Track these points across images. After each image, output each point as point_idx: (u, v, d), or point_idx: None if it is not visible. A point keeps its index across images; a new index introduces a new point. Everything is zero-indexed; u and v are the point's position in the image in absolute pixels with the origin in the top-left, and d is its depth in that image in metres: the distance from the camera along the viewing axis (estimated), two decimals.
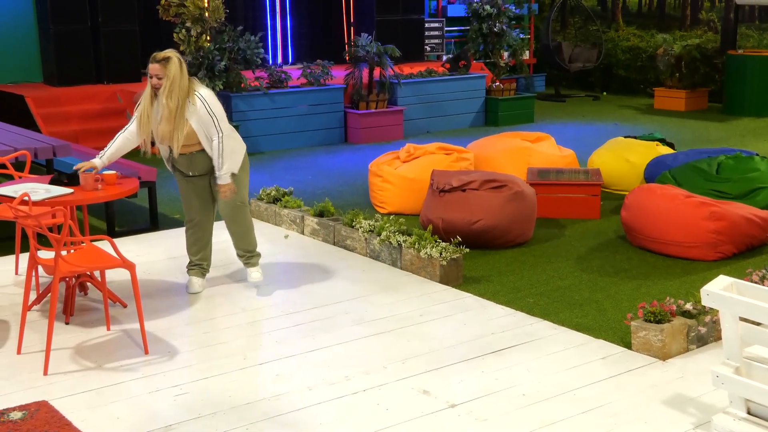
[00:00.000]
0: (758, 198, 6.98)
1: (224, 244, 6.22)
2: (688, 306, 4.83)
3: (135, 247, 6.66)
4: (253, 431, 3.96)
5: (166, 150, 5.50)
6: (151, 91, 5.32)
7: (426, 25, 14.11)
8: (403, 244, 6.10)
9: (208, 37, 10.22)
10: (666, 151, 8.44)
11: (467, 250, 6.05)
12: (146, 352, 4.78)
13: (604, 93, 15.95)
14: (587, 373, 4.53)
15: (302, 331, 5.10)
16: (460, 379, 4.47)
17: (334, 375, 4.52)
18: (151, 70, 5.23)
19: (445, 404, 4.20)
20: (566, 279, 6.01)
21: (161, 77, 5.21)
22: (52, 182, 5.32)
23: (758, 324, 3.70)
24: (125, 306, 5.43)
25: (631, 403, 4.20)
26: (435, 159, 7.79)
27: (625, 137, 8.91)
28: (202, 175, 5.57)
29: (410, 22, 13.70)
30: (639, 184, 7.93)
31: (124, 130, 5.46)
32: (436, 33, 14.37)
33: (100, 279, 5.18)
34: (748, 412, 3.72)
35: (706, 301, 3.71)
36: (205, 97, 5.32)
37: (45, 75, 11.54)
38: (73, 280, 5.28)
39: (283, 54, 13.97)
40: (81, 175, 5.23)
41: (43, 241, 6.07)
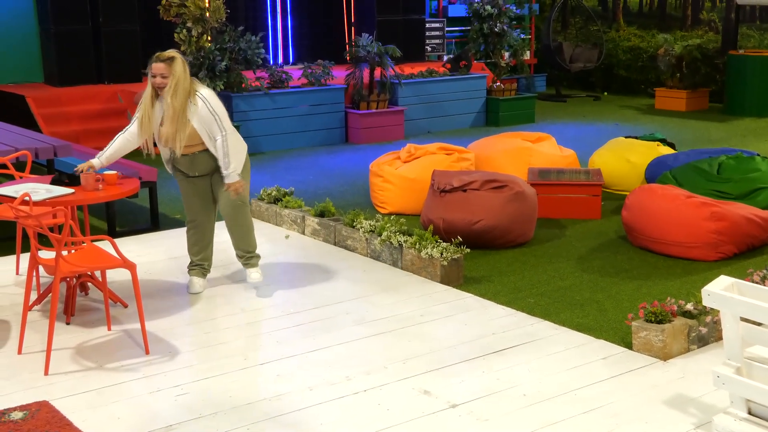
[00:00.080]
0: (759, 198, 6.97)
1: (225, 245, 6.22)
2: (689, 306, 4.83)
3: (136, 248, 6.67)
4: (254, 431, 3.96)
5: (167, 151, 5.50)
6: (152, 92, 5.31)
7: (427, 25, 14.11)
8: (404, 245, 6.10)
9: (209, 38, 10.23)
10: (667, 151, 8.43)
11: (468, 250, 6.06)
12: (147, 353, 4.78)
13: (605, 93, 15.94)
14: (588, 373, 4.53)
15: (303, 332, 5.10)
16: (461, 379, 4.46)
17: (335, 375, 4.52)
18: (156, 70, 5.22)
19: (446, 404, 4.20)
20: (567, 279, 6.01)
21: (166, 76, 5.20)
22: (53, 182, 5.32)
23: (759, 324, 3.70)
24: (126, 306, 5.44)
25: (632, 403, 4.20)
26: (436, 159, 7.79)
27: (626, 137, 8.91)
28: (204, 175, 5.57)
29: (411, 22, 13.70)
30: (640, 184, 7.93)
31: (124, 131, 5.45)
32: (437, 33, 14.37)
33: (100, 279, 5.18)
34: (749, 413, 3.72)
35: (707, 302, 3.71)
36: (207, 97, 5.32)
37: (46, 75, 11.55)
38: (74, 280, 5.28)
39: (284, 54, 13.97)
40: (82, 176, 5.23)
41: (44, 241, 6.08)
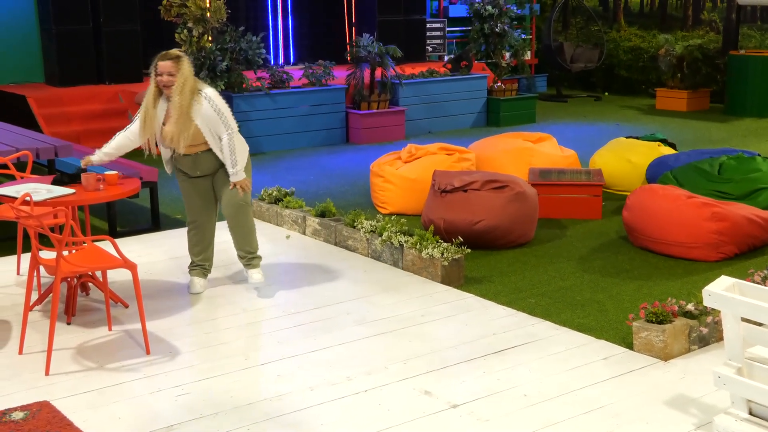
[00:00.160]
0: (760, 198, 6.97)
1: (226, 245, 6.22)
2: (690, 306, 4.83)
3: (136, 248, 6.67)
4: (255, 431, 3.96)
5: (167, 151, 5.49)
6: (155, 91, 5.31)
7: (428, 26, 14.12)
8: (405, 245, 6.10)
9: (210, 38, 10.23)
10: (668, 151, 8.43)
11: (469, 250, 6.05)
12: (148, 353, 4.78)
13: (606, 93, 15.94)
14: (589, 373, 4.53)
15: (304, 332, 5.10)
16: (462, 379, 4.46)
17: (336, 375, 4.52)
18: (163, 68, 5.20)
19: (447, 405, 4.20)
20: (568, 279, 6.01)
21: (173, 74, 5.19)
22: (54, 182, 5.32)
23: (760, 324, 3.70)
24: (127, 306, 5.44)
25: (633, 403, 4.20)
26: (436, 159, 7.79)
27: (627, 138, 8.90)
28: (205, 175, 5.57)
29: (412, 22, 13.70)
30: (641, 184, 7.93)
31: (125, 130, 5.45)
32: (438, 33, 14.38)
33: (101, 279, 5.18)
34: (750, 413, 3.72)
35: (707, 302, 3.71)
36: (211, 97, 5.32)
37: (47, 75, 11.55)
38: (75, 280, 5.28)
39: (285, 54, 13.97)
40: (83, 176, 5.23)
41: (45, 242, 6.09)
